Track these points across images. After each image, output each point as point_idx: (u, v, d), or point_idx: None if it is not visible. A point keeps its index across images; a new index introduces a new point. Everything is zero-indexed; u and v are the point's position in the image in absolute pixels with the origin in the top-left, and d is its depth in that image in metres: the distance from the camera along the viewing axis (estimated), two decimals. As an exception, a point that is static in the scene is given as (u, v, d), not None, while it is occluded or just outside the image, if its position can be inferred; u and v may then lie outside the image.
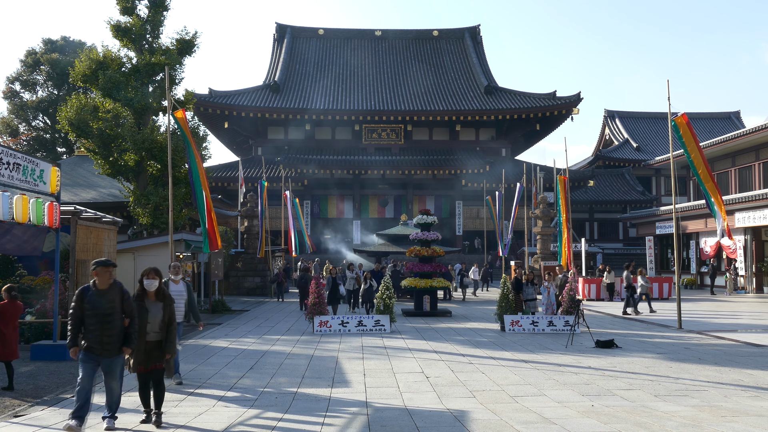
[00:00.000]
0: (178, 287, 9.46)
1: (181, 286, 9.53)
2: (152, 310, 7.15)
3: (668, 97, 16.40)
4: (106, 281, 6.89)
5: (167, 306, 7.26)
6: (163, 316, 7.17)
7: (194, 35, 22.65)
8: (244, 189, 32.12)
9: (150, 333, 7.10)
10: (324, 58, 53.54)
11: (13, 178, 10.26)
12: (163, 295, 7.32)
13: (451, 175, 43.53)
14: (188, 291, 9.59)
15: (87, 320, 6.76)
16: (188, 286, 9.65)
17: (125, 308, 6.87)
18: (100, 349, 6.68)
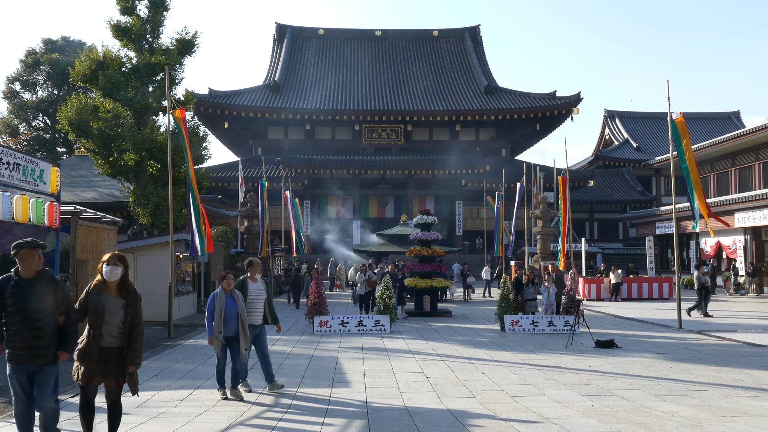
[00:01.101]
0: (257, 286, 8.82)
1: (260, 285, 8.87)
2: (111, 307, 5.62)
3: (668, 97, 16.40)
4: (33, 268, 5.42)
5: (131, 304, 5.71)
6: (125, 317, 5.63)
7: (194, 35, 22.64)
8: (244, 189, 32.13)
9: (106, 337, 5.58)
10: (324, 59, 53.55)
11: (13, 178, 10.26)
12: (128, 290, 5.73)
13: (451, 175, 43.52)
14: (267, 290, 8.95)
15: (9, 319, 5.34)
16: (267, 285, 9.04)
17: (59, 301, 5.47)
18: (30, 356, 5.32)
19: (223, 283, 8.32)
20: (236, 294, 8.35)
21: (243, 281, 8.75)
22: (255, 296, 8.69)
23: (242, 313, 8.21)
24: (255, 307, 8.70)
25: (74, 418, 6.74)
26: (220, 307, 8.11)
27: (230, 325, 8.14)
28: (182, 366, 10.60)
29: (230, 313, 8.15)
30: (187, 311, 19.58)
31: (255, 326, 8.69)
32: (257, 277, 8.90)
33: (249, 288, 8.70)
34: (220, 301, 8.14)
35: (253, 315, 8.67)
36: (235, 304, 8.21)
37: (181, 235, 18.78)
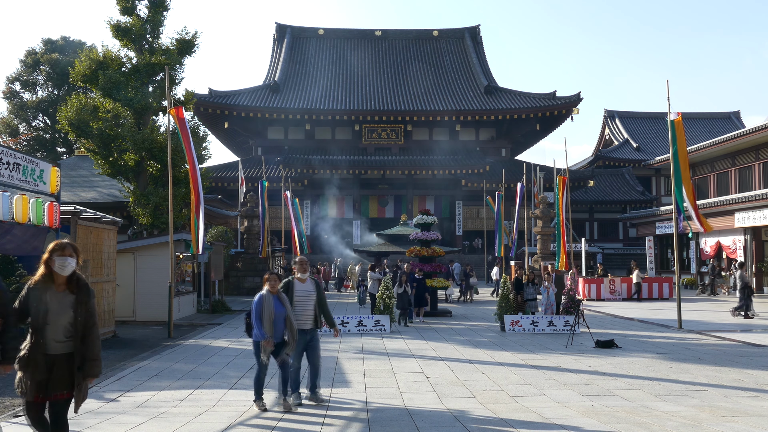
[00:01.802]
0: (305, 286, 8.07)
1: (309, 285, 8.09)
2: (55, 305, 4.70)
3: (668, 97, 16.41)
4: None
5: (83, 301, 4.76)
6: (75, 317, 4.69)
7: (194, 35, 22.65)
8: (244, 189, 32.13)
9: (51, 342, 4.66)
10: (324, 58, 53.56)
11: (13, 178, 10.26)
12: (77, 284, 4.81)
13: (451, 175, 43.52)
14: (318, 290, 8.11)
15: None
16: (317, 284, 8.20)
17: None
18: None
19: (267, 284, 7.67)
20: (283, 296, 7.72)
21: (288, 283, 8.03)
22: (303, 298, 7.96)
23: (290, 317, 7.58)
24: (304, 310, 7.95)
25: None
26: (269, 311, 7.45)
27: (277, 330, 7.54)
28: (182, 366, 10.60)
29: (278, 317, 7.54)
30: (187, 311, 19.59)
31: (305, 331, 7.89)
32: (305, 276, 8.12)
33: (295, 289, 7.99)
34: (268, 303, 7.49)
35: (302, 318, 7.89)
36: (283, 307, 7.59)
37: (181, 235, 18.78)
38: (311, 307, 7.99)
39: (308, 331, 7.96)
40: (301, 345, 7.84)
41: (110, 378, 9.49)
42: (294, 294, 7.94)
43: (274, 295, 7.65)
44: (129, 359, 11.34)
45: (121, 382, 9.17)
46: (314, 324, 8.02)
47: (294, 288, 7.99)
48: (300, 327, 7.80)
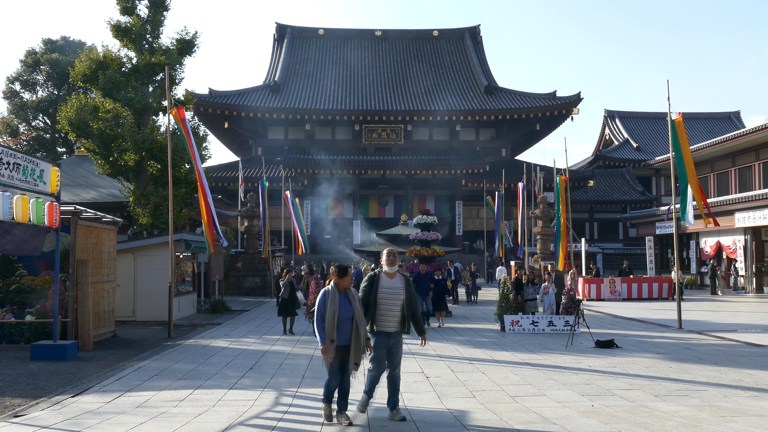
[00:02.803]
0: (393, 282, 7.02)
1: (397, 281, 7.03)
2: None
3: (668, 97, 16.41)
4: None
5: None
6: None
7: (194, 35, 22.66)
8: (244, 189, 32.14)
9: None
10: (324, 58, 53.58)
11: (13, 178, 10.26)
12: None
13: (451, 175, 43.53)
14: (408, 288, 7.03)
15: None
16: (407, 281, 7.10)
17: None
18: None
19: (335, 278, 6.85)
20: (353, 293, 6.84)
21: (374, 278, 7.06)
22: (389, 296, 6.95)
23: (358, 318, 6.72)
24: (389, 310, 6.93)
25: None
26: (332, 309, 6.65)
27: (344, 332, 6.68)
28: (182, 366, 10.59)
29: (344, 317, 6.69)
30: (187, 311, 19.58)
31: (388, 334, 6.94)
32: (394, 271, 7.08)
33: (381, 285, 6.97)
34: (332, 302, 6.70)
35: (386, 320, 6.93)
36: (351, 306, 6.75)
37: (181, 235, 18.78)
38: (398, 308, 6.98)
39: (392, 334, 6.98)
40: (382, 350, 6.95)
41: (110, 378, 9.49)
42: (379, 291, 6.95)
43: (341, 292, 6.82)
44: (129, 359, 11.33)
45: (121, 382, 9.17)
46: (400, 327, 7.03)
47: (380, 284, 6.98)
48: (382, 329, 6.96)
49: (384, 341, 6.96)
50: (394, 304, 6.97)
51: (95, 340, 13.09)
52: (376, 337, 6.97)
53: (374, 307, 6.96)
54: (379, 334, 6.96)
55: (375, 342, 6.96)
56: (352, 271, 7.81)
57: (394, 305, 6.97)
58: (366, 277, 7.12)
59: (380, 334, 6.96)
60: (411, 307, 7.04)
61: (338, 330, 6.66)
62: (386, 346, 6.96)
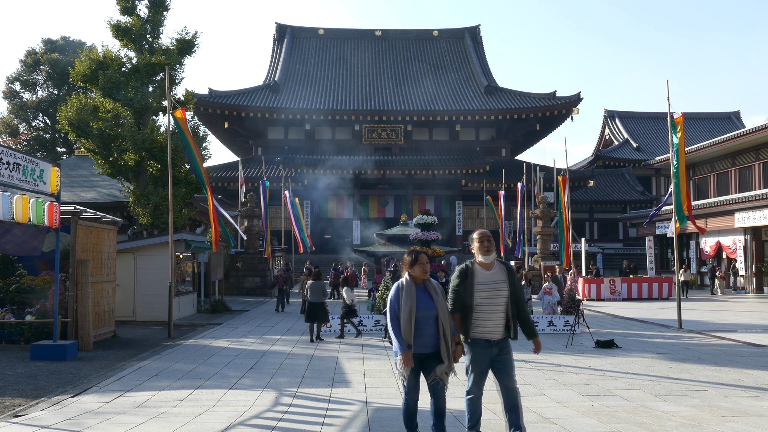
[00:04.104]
0: (493, 274, 5.53)
1: (498, 273, 5.56)
2: None
3: (668, 97, 16.41)
4: None
5: None
6: None
7: (194, 35, 22.65)
8: (244, 189, 32.13)
9: None
10: (324, 58, 53.58)
11: (13, 178, 10.26)
12: None
13: (451, 175, 43.54)
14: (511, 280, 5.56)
15: None
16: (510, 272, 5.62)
17: None
18: None
19: (414, 268, 5.45)
20: (434, 286, 5.48)
21: (466, 272, 5.55)
22: (489, 291, 5.47)
23: (444, 317, 5.35)
24: (491, 309, 5.49)
25: None
26: (408, 306, 5.29)
27: (425, 336, 5.35)
28: (182, 366, 10.59)
29: (425, 317, 5.34)
30: (187, 311, 19.58)
31: (490, 342, 5.51)
32: (491, 260, 5.55)
33: (477, 279, 5.48)
34: (408, 296, 5.33)
35: (487, 324, 5.50)
36: (433, 302, 5.38)
37: (181, 235, 18.78)
38: (501, 307, 5.52)
39: (496, 342, 5.53)
40: (484, 362, 5.54)
41: (110, 378, 9.49)
42: (475, 285, 5.48)
43: (419, 285, 5.47)
44: (129, 359, 11.34)
45: (121, 382, 9.17)
46: (506, 331, 5.59)
47: (475, 277, 5.50)
48: (482, 335, 5.51)
49: (485, 352, 5.49)
50: (496, 302, 5.49)
51: (95, 340, 13.10)
52: (473, 348, 5.51)
53: (470, 309, 5.46)
54: (478, 344, 5.49)
55: (473, 355, 5.52)
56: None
57: (497, 304, 5.50)
58: (456, 272, 5.61)
59: (479, 343, 5.49)
60: (518, 304, 5.61)
61: (417, 333, 5.32)
62: (488, 359, 5.53)
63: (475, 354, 5.53)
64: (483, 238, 5.59)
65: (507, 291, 5.54)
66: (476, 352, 5.52)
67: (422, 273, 5.48)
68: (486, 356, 5.53)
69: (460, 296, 5.54)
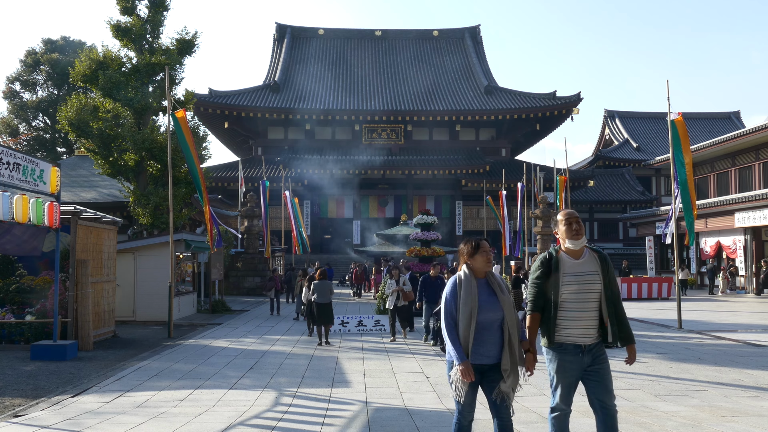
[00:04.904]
0: (583, 264, 4.57)
1: (590, 263, 4.57)
2: None
3: (668, 97, 16.40)
4: None
5: None
6: None
7: (194, 35, 22.65)
8: (244, 189, 32.15)
9: None
10: (324, 58, 53.59)
11: (13, 178, 10.26)
12: None
13: (451, 175, 43.54)
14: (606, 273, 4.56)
15: None
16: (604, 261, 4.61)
17: None
18: None
19: (475, 258, 4.51)
20: (498, 282, 4.55)
21: (550, 260, 4.59)
22: (580, 285, 4.50)
23: (510, 320, 4.45)
24: (581, 308, 4.52)
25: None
26: (469, 306, 4.38)
27: (487, 343, 4.45)
28: (182, 366, 10.60)
29: (488, 320, 4.42)
30: (187, 311, 19.59)
31: (580, 348, 4.53)
32: (580, 245, 4.56)
33: (565, 271, 4.53)
34: (469, 294, 4.40)
35: (576, 325, 4.53)
36: (498, 303, 4.45)
37: (181, 235, 18.78)
38: (594, 303, 4.52)
39: (587, 349, 4.54)
40: (573, 372, 4.58)
41: (110, 378, 9.49)
42: (561, 277, 4.53)
43: (482, 279, 4.54)
44: (129, 359, 11.34)
45: (121, 382, 9.17)
46: (599, 335, 4.57)
47: (561, 267, 4.54)
48: (570, 340, 4.54)
49: (575, 360, 4.54)
50: (587, 299, 4.51)
51: (95, 340, 13.10)
52: (559, 355, 4.58)
53: (554, 306, 4.54)
54: (565, 350, 4.56)
55: (558, 363, 4.59)
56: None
57: (588, 300, 4.52)
58: (538, 261, 4.70)
59: (567, 349, 4.56)
60: (614, 301, 4.55)
61: (478, 340, 4.40)
62: (578, 368, 4.56)
63: (562, 362, 4.55)
64: (571, 220, 4.60)
65: (600, 284, 4.53)
66: (563, 360, 4.55)
67: (485, 264, 4.51)
68: (576, 365, 4.53)
69: (541, 291, 4.59)
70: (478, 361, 4.42)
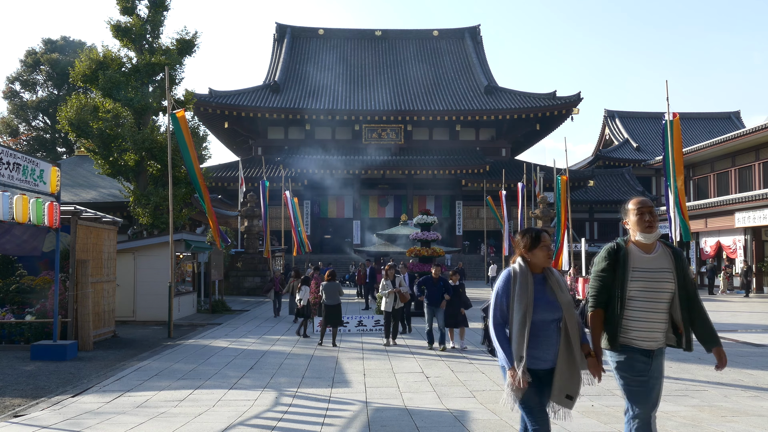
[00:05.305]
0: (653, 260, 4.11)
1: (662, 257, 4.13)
2: None
3: (667, 97, 16.39)
4: None
5: None
6: None
7: (194, 35, 22.65)
8: (244, 189, 32.14)
9: None
10: (324, 58, 53.60)
11: (13, 178, 10.25)
12: None
13: (451, 175, 43.55)
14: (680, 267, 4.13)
15: None
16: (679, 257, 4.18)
17: None
18: None
19: (534, 252, 4.05)
20: (557, 278, 4.07)
21: (617, 252, 4.13)
22: (648, 282, 4.05)
23: (570, 319, 3.98)
24: (651, 308, 4.07)
25: None
26: (524, 305, 3.94)
27: (543, 346, 3.99)
28: (182, 366, 10.59)
29: (545, 320, 3.99)
30: (187, 311, 19.58)
31: (647, 354, 4.11)
32: (654, 239, 4.11)
33: (634, 265, 4.07)
34: (524, 291, 3.97)
35: (644, 324, 4.08)
36: (557, 302, 4.01)
37: (181, 235, 18.78)
38: (664, 303, 4.08)
39: (654, 354, 4.13)
40: (639, 379, 4.14)
41: (110, 378, 9.49)
42: (629, 271, 4.08)
43: (537, 275, 4.07)
44: (129, 359, 11.33)
45: (121, 382, 9.17)
46: (667, 339, 4.16)
47: (629, 260, 4.10)
48: (637, 343, 4.11)
49: (641, 365, 4.12)
50: (657, 298, 4.07)
51: (95, 340, 13.09)
52: (626, 360, 4.15)
53: (620, 304, 4.09)
54: (633, 354, 4.12)
55: (625, 367, 4.17)
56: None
57: (658, 300, 4.08)
58: (604, 252, 4.21)
59: (634, 353, 4.12)
60: (691, 301, 4.12)
61: (532, 342, 3.95)
62: (645, 374, 4.12)
63: (630, 367, 4.15)
64: (644, 209, 4.12)
65: (673, 284, 4.07)
66: (630, 365, 4.14)
67: (545, 259, 4.05)
68: (643, 371, 4.13)
69: (606, 285, 4.12)
70: (532, 365, 3.95)
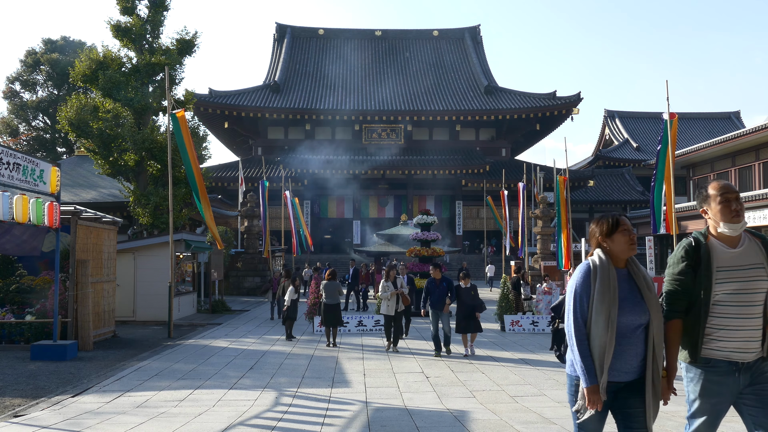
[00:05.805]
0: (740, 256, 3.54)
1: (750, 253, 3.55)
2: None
3: (667, 97, 16.38)
4: None
5: None
6: None
7: (194, 35, 22.64)
8: (243, 189, 32.13)
9: None
10: (324, 58, 53.58)
11: (13, 178, 10.25)
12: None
13: (451, 175, 43.54)
14: None
15: None
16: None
17: None
18: None
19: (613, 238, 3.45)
20: (643, 274, 3.47)
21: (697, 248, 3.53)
22: (739, 282, 3.46)
23: (658, 323, 3.44)
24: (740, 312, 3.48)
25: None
26: (607, 304, 3.34)
27: (626, 355, 3.44)
28: (182, 366, 10.60)
29: (630, 324, 3.40)
30: (187, 311, 19.58)
31: (736, 366, 3.55)
32: (739, 231, 3.50)
33: (718, 261, 3.49)
34: (606, 288, 3.36)
35: (735, 333, 3.51)
36: (644, 302, 3.42)
37: (181, 235, 18.78)
38: (759, 306, 3.48)
39: (746, 366, 3.54)
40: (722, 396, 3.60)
41: (110, 378, 9.49)
42: (713, 271, 3.49)
43: (621, 270, 3.47)
44: (129, 359, 11.34)
45: (121, 382, 9.17)
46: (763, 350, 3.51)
47: (713, 258, 3.51)
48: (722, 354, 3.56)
49: (727, 382, 3.56)
50: (750, 301, 3.47)
51: (95, 340, 13.10)
52: (706, 374, 3.63)
53: (704, 310, 3.52)
54: (715, 368, 3.58)
55: (703, 384, 3.64)
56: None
57: (752, 303, 3.47)
58: (681, 249, 3.58)
59: (717, 366, 3.57)
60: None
61: (618, 352, 3.39)
62: (730, 392, 3.57)
63: (710, 383, 3.55)
64: (729, 195, 3.47)
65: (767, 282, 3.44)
66: (711, 381, 3.54)
67: (628, 247, 3.43)
68: (728, 387, 3.51)
69: (686, 290, 3.52)
70: (612, 378, 3.39)
